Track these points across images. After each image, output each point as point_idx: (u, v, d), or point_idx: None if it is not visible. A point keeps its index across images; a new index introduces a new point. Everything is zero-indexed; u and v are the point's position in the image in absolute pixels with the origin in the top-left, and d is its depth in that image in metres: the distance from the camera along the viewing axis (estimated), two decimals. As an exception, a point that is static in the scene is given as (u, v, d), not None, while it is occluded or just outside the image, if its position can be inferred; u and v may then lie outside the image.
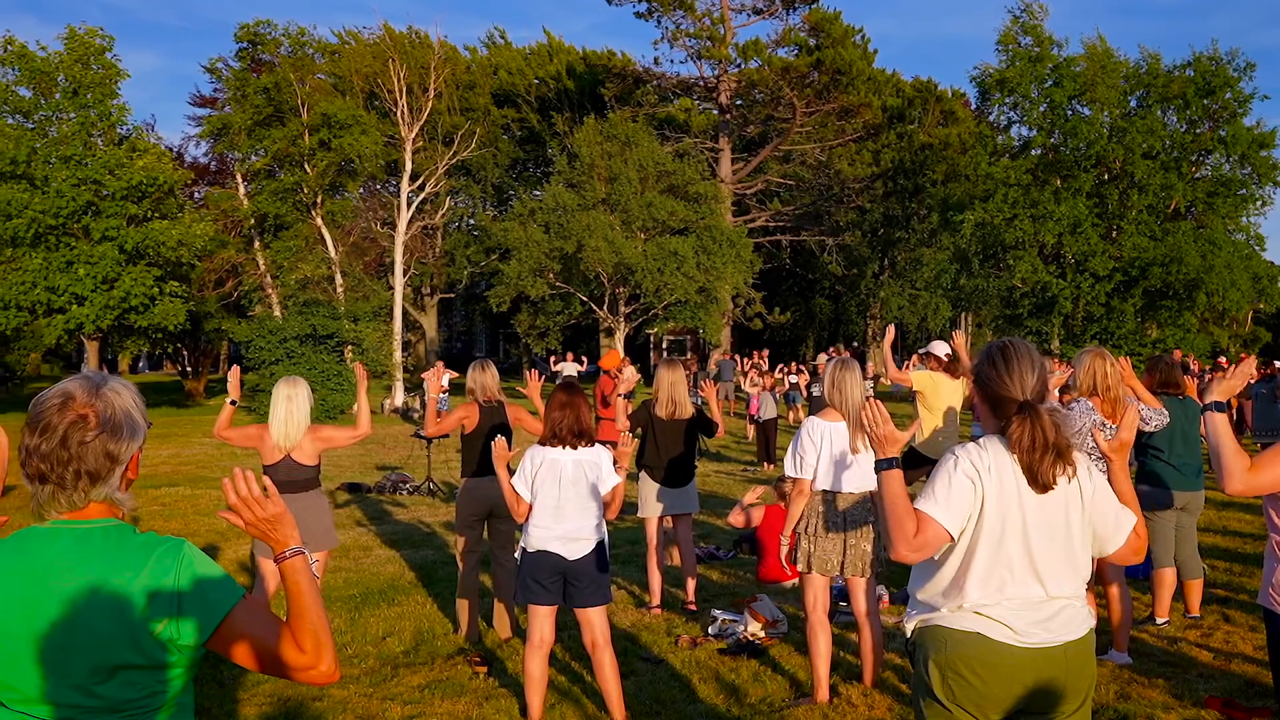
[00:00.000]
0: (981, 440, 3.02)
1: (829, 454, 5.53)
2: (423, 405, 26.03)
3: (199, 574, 2.06)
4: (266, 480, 2.18)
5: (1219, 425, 3.62)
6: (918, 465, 9.11)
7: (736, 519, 9.27)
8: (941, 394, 8.47)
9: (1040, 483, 2.89)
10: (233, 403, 6.36)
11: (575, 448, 5.22)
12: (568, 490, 5.18)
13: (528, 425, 6.91)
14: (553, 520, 5.17)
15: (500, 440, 5.22)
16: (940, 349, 9.02)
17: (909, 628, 3.08)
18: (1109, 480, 3.15)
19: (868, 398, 3.20)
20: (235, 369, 6.62)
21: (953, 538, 2.90)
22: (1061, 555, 2.95)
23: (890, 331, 7.06)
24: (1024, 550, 2.91)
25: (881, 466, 2.97)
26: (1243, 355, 4.03)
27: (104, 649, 2.00)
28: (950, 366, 8.72)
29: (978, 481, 2.90)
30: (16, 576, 2.02)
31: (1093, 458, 4.92)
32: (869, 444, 3.03)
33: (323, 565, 6.45)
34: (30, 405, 2.11)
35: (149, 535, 2.11)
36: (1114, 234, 32.29)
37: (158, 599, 2.02)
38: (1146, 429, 6.48)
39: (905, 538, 2.84)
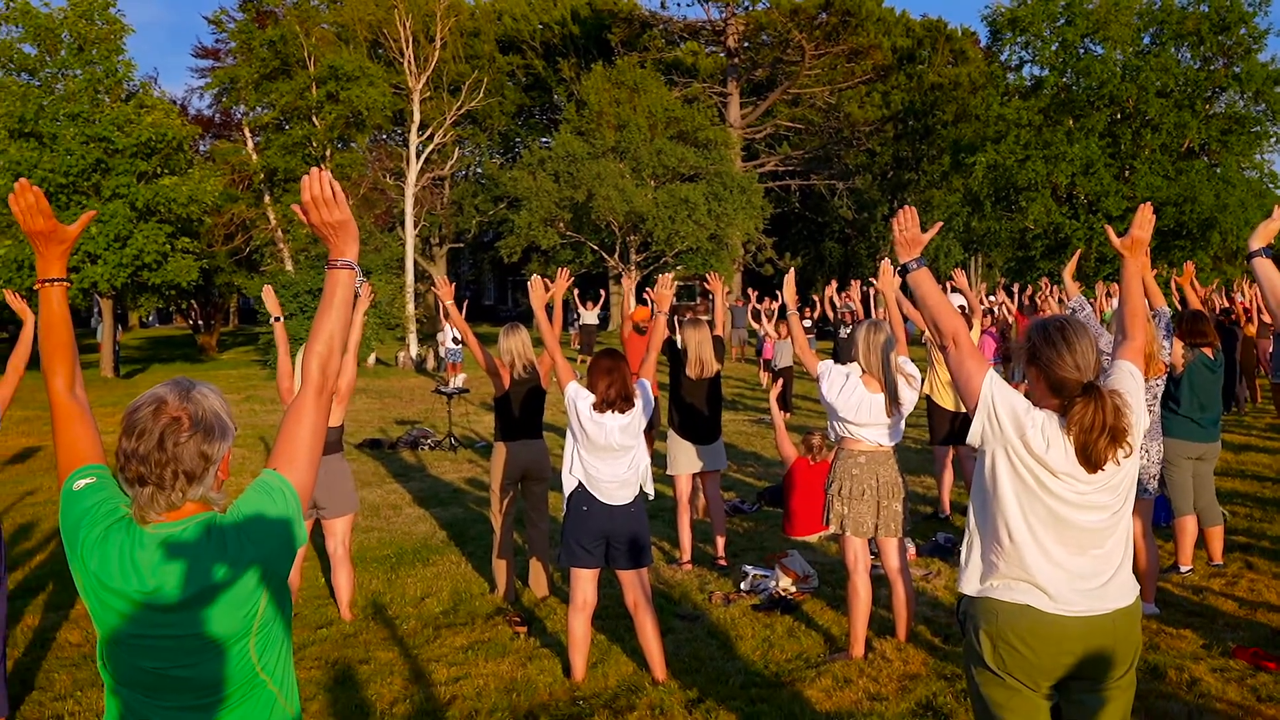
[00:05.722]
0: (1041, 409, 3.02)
1: (849, 400, 5.56)
2: (437, 358, 26.09)
3: (254, 512, 2.23)
4: (338, 186, 2.27)
5: (1266, 268, 3.73)
6: (936, 415, 9.20)
7: (787, 450, 8.67)
8: None
9: (1093, 462, 2.90)
10: (276, 319, 6.47)
11: (623, 412, 5.30)
12: (611, 454, 5.29)
13: (562, 377, 6.91)
14: (598, 478, 5.30)
15: (537, 279, 5.85)
16: (955, 300, 9.04)
17: (963, 593, 3.13)
18: (1126, 281, 3.40)
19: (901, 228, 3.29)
20: (268, 289, 6.70)
21: (982, 389, 2.99)
22: (1108, 528, 3.00)
23: (885, 265, 6.42)
24: (1073, 522, 2.96)
25: (909, 269, 3.19)
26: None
27: (215, 636, 2.13)
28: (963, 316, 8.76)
29: (1030, 418, 2.97)
30: (129, 585, 2.12)
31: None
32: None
33: (348, 527, 6.58)
34: (124, 413, 2.18)
35: (219, 516, 2.24)
36: (1127, 174, 32.08)
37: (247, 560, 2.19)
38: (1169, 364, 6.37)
39: (953, 319, 3.06)
